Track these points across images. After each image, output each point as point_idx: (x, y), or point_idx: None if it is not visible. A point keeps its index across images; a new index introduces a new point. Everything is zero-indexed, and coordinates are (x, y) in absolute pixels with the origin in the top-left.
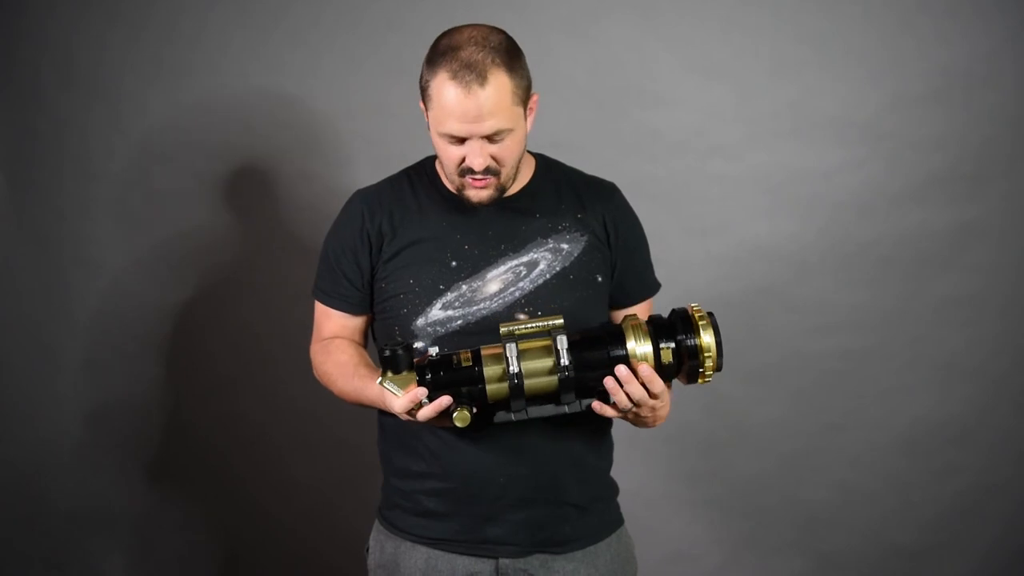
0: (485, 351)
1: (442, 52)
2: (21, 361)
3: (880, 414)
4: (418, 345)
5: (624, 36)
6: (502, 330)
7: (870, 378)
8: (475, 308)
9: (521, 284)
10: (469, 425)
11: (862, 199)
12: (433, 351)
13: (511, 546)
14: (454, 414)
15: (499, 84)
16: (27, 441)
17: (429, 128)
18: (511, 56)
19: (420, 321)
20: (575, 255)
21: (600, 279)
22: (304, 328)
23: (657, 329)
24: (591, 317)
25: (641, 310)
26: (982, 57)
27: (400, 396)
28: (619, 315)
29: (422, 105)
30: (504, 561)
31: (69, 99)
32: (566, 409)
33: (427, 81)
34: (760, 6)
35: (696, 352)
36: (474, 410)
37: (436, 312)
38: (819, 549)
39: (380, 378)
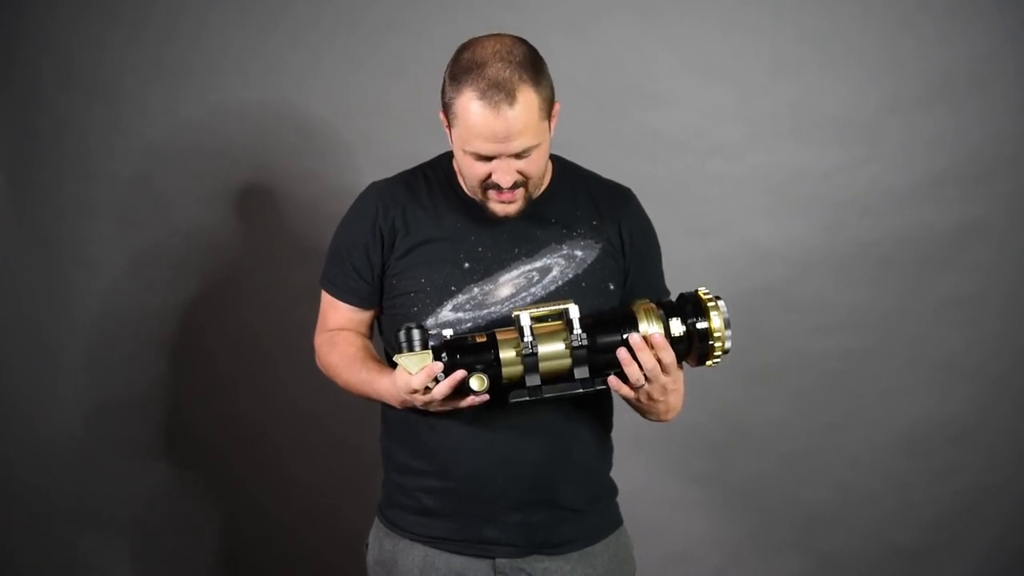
0: (500, 333)
1: (466, 68)
2: (21, 361)
3: (880, 414)
4: (431, 331)
5: (624, 36)
6: (514, 313)
7: (870, 378)
8: (486, 312)
9: (533, 290)
10: (483, 406)
11: (862, 199)
12: (447, 333)
13: (508, 547)
14: (471, 380)
15: (527, 102)
16: (27, 441)
17: (451, 141)
18: (536, 70)
19: (430, 321)
20: (588, 262)
21: (612, 287)
22: (304, 329)
23: (668, 312)
24: None
25: None
26: (982, 57)
27: (416, 373)
28: None
29: (443, 117)
30: (501, 561)
31: (69, 99)
32: (580, 388)
33: (451, 98)
34: (760, 6)
35: (706, 335)
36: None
37: (446, 313)
38: (819, 549)
39: (397, 355)
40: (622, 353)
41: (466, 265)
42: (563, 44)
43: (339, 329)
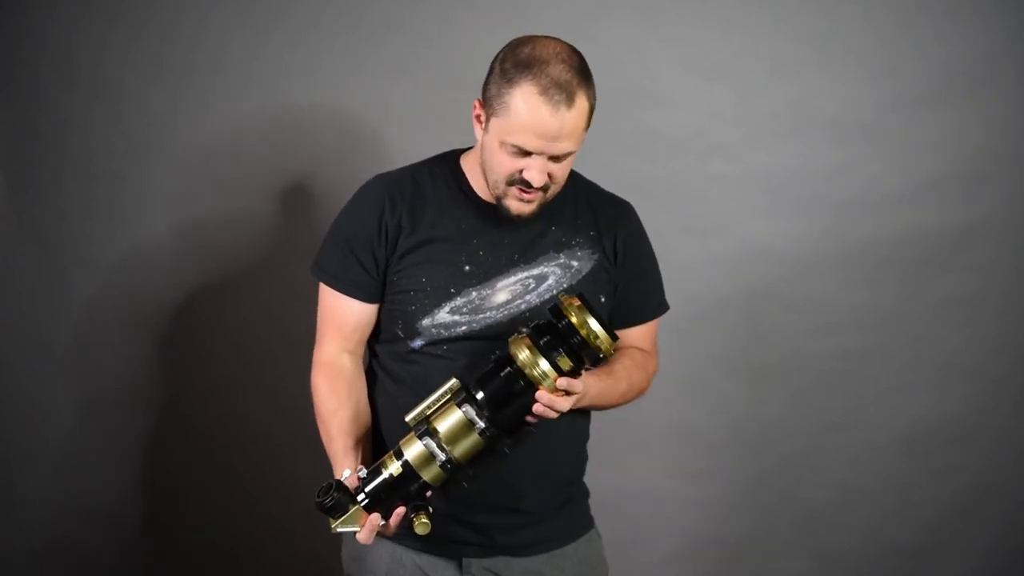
0: (405, 448)
1: (526, 63)
2: (21, 361)
3: (880, 414)
4: (344, 474)
5: (624, 36)
6: (408, 418)
7: (870, 378)
8: (481, 316)
9: (528, 297)
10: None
11: (862, 199)
12: (361, 473)
13: (475, 546)
14: (415, 526)
15: (582, 108)
16: (26, 441)
17: (482, 131)
18: (590, 80)
19: (426, 321)
20: (584, 273)
21: (603, 299)
22: (304, 328)
23: (545, 343)
24: None
25: (644, 331)
26: (982, 57)
27: (360, 531)
28: (622, 334)
29: (478, 107)
30: (468, 560)
31: (69, 99)
32: (507, 451)
33: (503, 89)
34: (760, 6)
35: (585, 344)
36: (430, 510)
37: (443, 315)
38: (819, 549)
39: (332, 525)
40: (538, 409)
41: (467, 268)
42: None
43: (335, 358)
